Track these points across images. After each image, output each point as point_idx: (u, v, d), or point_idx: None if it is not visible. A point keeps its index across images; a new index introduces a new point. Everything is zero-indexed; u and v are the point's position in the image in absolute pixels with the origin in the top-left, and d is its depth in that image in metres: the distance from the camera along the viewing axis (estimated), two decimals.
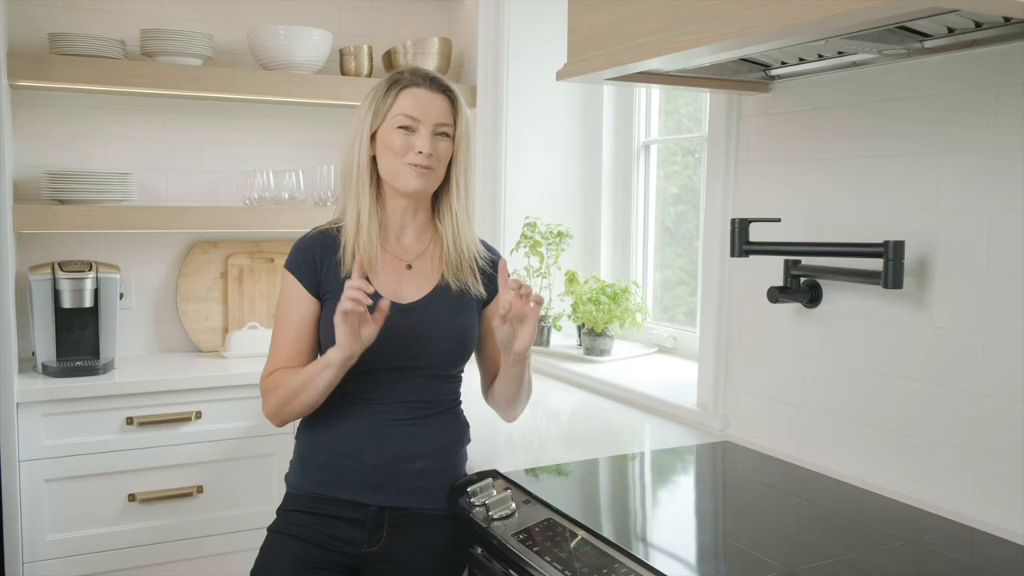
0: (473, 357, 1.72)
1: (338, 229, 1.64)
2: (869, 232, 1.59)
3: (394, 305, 1.58)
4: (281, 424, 1.62)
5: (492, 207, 2.91)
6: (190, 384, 2.48)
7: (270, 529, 1.62)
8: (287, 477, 1.68)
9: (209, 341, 2.88)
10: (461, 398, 1.71)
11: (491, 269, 1.70)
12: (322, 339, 1.61)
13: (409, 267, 1.65)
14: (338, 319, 1.44)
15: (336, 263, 1.61)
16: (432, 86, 1.60)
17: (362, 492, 1.57)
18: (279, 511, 1.64)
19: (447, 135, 1.61)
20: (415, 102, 1.58)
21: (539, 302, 1.52)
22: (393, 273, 1.63)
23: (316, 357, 1.64)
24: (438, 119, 1.59)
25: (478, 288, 1.66)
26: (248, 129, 2.97)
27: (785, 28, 1.17)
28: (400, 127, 1.58)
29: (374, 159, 1.63)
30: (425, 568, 1.59)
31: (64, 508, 2.36)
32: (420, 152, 1.57)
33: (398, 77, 1.62)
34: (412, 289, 1.63)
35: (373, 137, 1.62)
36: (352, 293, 1.42)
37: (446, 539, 1.60)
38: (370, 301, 1.43)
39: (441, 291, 1.64)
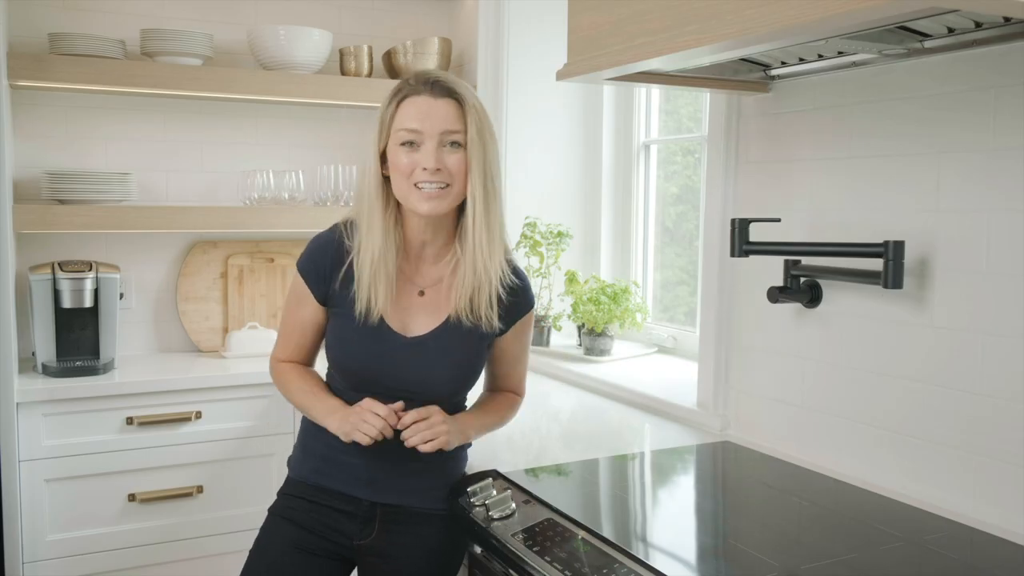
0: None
1: (352, 236, 1.55)
2: (869, 232, 1.59)
3: (398, 337, 1.55)
4: None
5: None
6: (190, 384, 2.48)
7: (270, 511, 1.65)
8: (289, 460, 1.70)
9: (209, 341, 2.88)
10: (466, 407, 1.69)
11: (512, 297, 1.57)
12: (329, 346, 1.61)
13: (422, 293, 1.57)
14: (348, 435, 1.50)
15: (347, 279, 1.54)
16: (434, 91, 1.47)
17: (355, 486, 1.59)
18: (280, 493, 1.67)
19: (459, 144, 1.47)
20: (415, 112, 1.46)
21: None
22: (403, 299, 1.56)
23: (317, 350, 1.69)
24: (444, 127, 1.45)
25: (491, 321, 1.55)
26: (248, 129, 2.97)
27: (785, 28, 1.17)
28: (403, 143, 1.47)
29: (387, 178, 1.52)
30: (419, 565, 1.59)
31: (64, 508, 2.36)
32: (424, 168, 1.45)
33: (401, 86, 1.50)
34: (420, 321, 1.56)
35: (384, 156, 1.52)
36: (373, 428, 1.47)
37: (441, 538, 1.60)
38: (391, 434, 1.49)
39: (450, 326, 1.55)
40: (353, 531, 1.59)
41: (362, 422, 1.48)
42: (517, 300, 1.60)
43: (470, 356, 1.59)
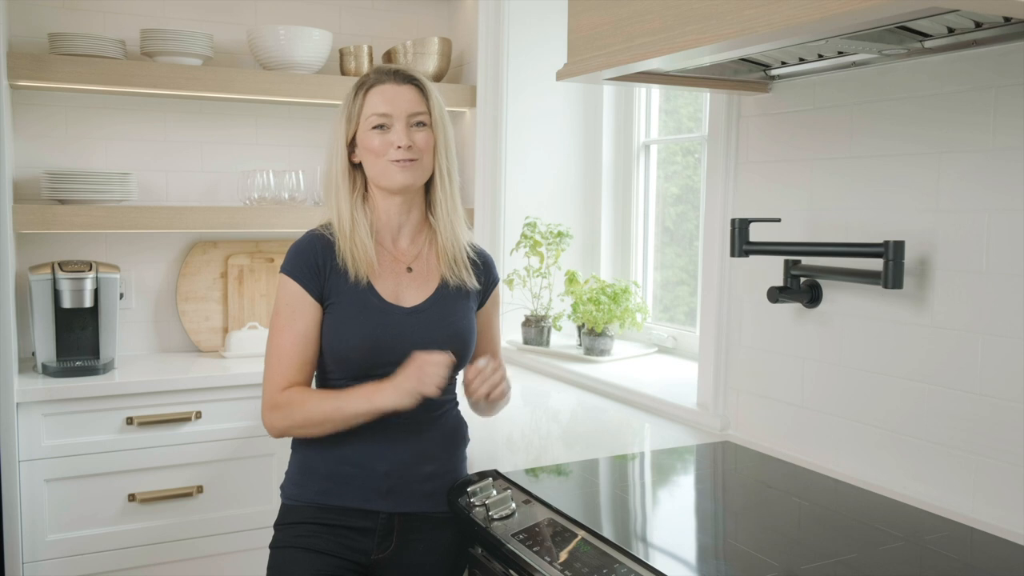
0: None
1: (332, 233, 1.61)
2: (869, 232, 1.59)
3: (397, 308, 1.59)
4: (279, 437, 1.59)
5: (492, 207, 2.91)
6: (190, 384, 2.48)
7: (275, 547, 1.59)
8: (283, 488, 1.64)
9: (209, 341, 2.88)
10: (457, 397, 1.70)
11: (479, 259, 1.70)
12: (326, 346, 1.58)
13: (409, 269, 1.64)
14: (415, 392, 1.46)
15: (337, 267, 1.59)
16: (397, 79, 1.60)
17: (372, 500, 1.56)
18: (278, 526, 1.61)
19: (424, 124, 1.60)
20: (383, 98, 1.58)
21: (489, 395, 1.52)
22: (393, 276, 1.62)
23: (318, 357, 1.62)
24: (410, 109, 1.58)
25: (472, 281, 1.66)
26: (248, 129, 2.97)
27: (785, 28, 1.17)
28: (375, 127, 1.58)
29: (355, 165, 1.63)
30: (431, 570, 1.59)
31: (64, 508, 2.36)
32: (399, 147, 1.56)
33: (364, 79, 1.62)
34: (413, 292, 1.62)
35: (351, 144, 1.62)
36: (438, 376, 1.46)
37: (451, 539, 1.60)
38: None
39: (442, 293, 1.63)
40: (370, 546, 1.56)
41: (426, 375, 1.46)
42: (486, 267, 1.71)
43: (466, 322, 1.64)
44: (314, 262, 1.58)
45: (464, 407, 1.72)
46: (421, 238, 1.67)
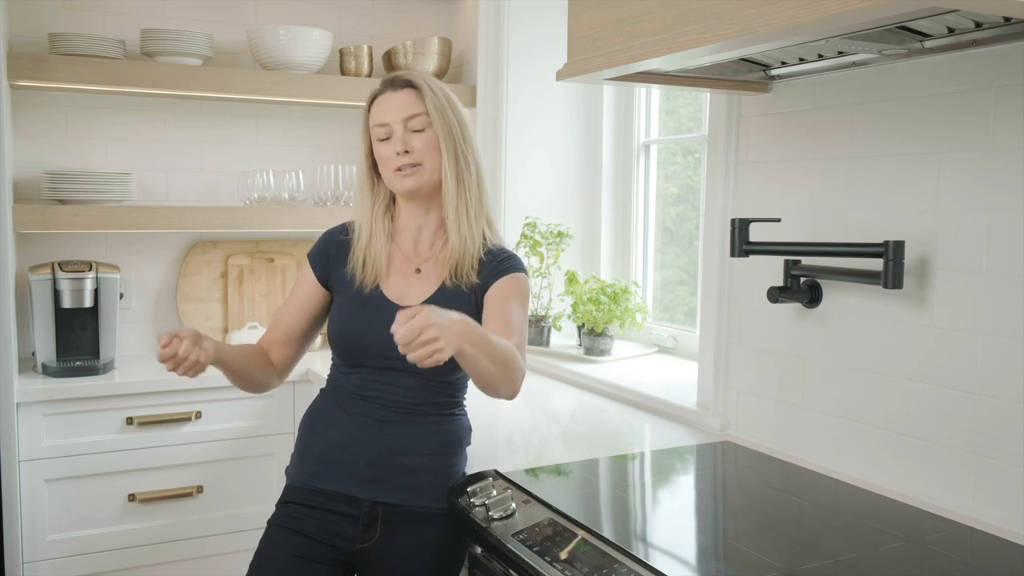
0: None
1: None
2: (869, 232, 1.59)
3: (392, 306, 1.61)
4: (254, 391, 1.72)
5: (492, 207, 2.90)
6: (190, 384, 2.47)
7: (269, 523, 1.64)
8: (287, 470, 1.69)
9: None
10: (464, 403, 1.70)
11: (493, 258, 1.64)
12: (330, 325, 1.67)
13: (418, 271, 1.66)
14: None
15: (346, 262, 1.67)
16: (395, 85, 1.62)
17: (355, 486, 1.59)
18: (277, 504, 1.66)
19: (423, 126, 1.60)
20: (380, 109, 1.61)
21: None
22: (402, 277, 1.66)
23: (306, 338, 1.72)
24: (405, 113, 1.59)
25: (471, 278, 1.61)
26: (248, 129, 2.97)
27: (785, 28, 1.17)
28: (379, 139, 1.61)
29: (379, 176, 1.67)
30: (419, 566, 1.59)
31: (64, 508, 2.36)
32: (397, 154, 1.59)
33: (371, 93, 1.65)
34: (415, 293, 1.64)
35: (370, 156, 1.67)
36: (163, 360, 1.46)
37: (441, 538, 1.60)
38: (169, 347, 1.45)
39: (441, 296, 1.63)
40: (354, 534, 1.58)
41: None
42: (501, 263, 1.63)
43: None
44: (328, 251, 1.70)
45: (469, 406, 1.71)
46: (439, 241, 1.68)
